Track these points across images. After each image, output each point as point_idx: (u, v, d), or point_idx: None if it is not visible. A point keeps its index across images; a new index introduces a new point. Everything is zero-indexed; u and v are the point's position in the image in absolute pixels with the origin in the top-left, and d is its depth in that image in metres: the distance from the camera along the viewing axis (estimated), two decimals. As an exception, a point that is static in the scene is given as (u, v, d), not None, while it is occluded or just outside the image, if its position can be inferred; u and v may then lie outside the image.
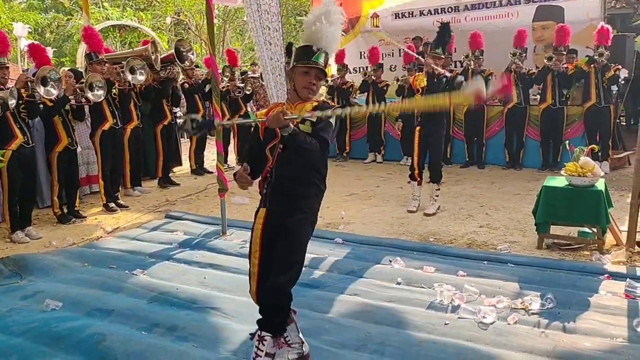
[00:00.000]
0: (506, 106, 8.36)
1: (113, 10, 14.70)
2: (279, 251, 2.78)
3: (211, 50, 4.93)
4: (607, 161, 7.92)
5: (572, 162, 4.69)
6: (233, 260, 4.60)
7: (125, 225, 5.88)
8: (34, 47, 6.02)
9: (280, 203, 2.83)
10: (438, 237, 5.29)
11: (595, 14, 9.01)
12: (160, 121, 7.53)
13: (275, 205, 2.85)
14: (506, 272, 4.23)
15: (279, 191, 2.83)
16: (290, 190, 2.82)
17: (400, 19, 11.37)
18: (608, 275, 4.07)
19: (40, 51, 5.90)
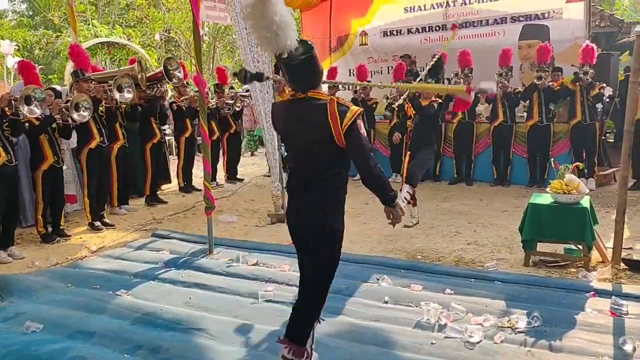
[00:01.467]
0: (492, 123, 8.42)
1: (102, 28, 14.73)
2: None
3: (198, 68, 4.93)
4: (593, 178, 7.97)
5: (558, 180, 4.72)
6: (219, 280, 4.56)
7: (111, 244, 5.83)
8: (24, 64, 6.01)
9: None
10: (426, 255, 5.28)
11: (580, 32, 9.15)
12: (149, 139, 7.50)
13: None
14: (493, 290, 4.23)
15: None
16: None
17: (389, 36, 11.49)
18: (594, 292, 4.08)
19: (30, 69, 5.88)
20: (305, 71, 2.73)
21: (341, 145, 2.69)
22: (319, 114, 2.68)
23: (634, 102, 4.47)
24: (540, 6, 9.67)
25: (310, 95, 2.75)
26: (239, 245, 5.57)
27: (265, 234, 6.11)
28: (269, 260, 5.03)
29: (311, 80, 2.76)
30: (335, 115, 2.65)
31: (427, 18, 10.88)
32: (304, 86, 2.76)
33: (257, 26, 2.57)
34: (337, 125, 2.65)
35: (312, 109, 2.72)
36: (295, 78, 2.77)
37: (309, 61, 2.70)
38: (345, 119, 2.65)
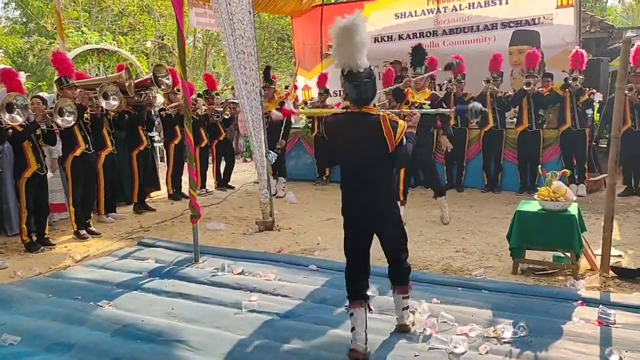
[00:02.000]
0: (483, 129, 8.40)
1: (91, 35, 14.67)
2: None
3: (182, 75, 4.88)
4: (584, 184, 7.96)
5: (545, 187, 4.68)
6: (204, 290, 4.49)
7: (96, 253, 5.75)
8: (6, 72, 5.94)
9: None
10: (414, 263, 5.17)
11: (571, 38, 9.17)
12: (136, 146, 7.43)
13: None
14: (480, 299, 4.18)
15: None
16: None
17: (380, 42, 11.48)
18: (582, 301, 4.03)
19: (12, 76, 5.81)
20: (368, 90, 3.29)
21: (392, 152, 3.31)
22: (374, 128, 3.26)
23: (620, 107, 4.44)
24: (530, 12, 9.70)
25: (365, 111, 3.31)
26: (225, 253, 5.50)
27: (252, 242, 6.05)
28: (254, 269, 4.97)
29: (370, 98, 3.34)
30: (389, 130, 3.25)
31: (418, 24, 10.90)
32: (362, 102, 3.31)
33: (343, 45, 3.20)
34: (392, 138, 3.26)
35: (367, 124, 3.29)
36: (359, 95, 3.29)
37: (373, 83, 3.31)
38: (397, 134, 3.27)
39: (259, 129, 6.28)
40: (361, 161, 3.36)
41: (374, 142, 3.28)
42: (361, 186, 3.38)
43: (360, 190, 3.39)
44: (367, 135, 3.29)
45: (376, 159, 3.33)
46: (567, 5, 9.36)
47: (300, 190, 9.10)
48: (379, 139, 3.25)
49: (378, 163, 3.34)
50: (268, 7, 11.44)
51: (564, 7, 9.37)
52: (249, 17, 6.13)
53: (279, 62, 22.50)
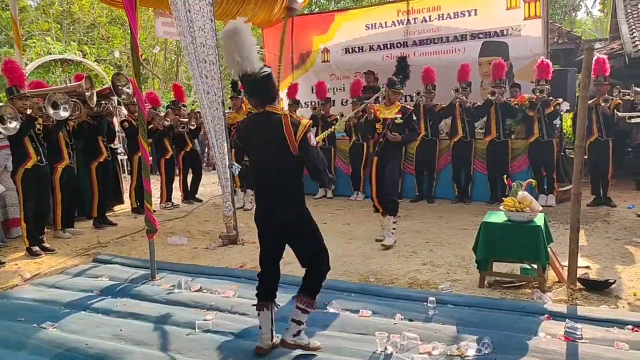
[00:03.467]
0: (452, 139, 8.34)
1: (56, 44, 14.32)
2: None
3: (135, 84, 4.68)
4: (553, 194, 7.93)
5: (510, 197, 4.58)
6: (157, 309, 4.26)
7: (47, 271, 5.46)
8: (8, 63, 5.91)
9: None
10: (379, 277, 5.06)
11: (539, 49, 9.20)
12: (95, 158, 7.17)
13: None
14: (445, 314, 4.03)
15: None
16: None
17: (351, 53, 11.43)
18: (548, 315, 3.91)
19: (14, 68, 5.81)
20: (263, 87, 3.26)
21: (295, 153, 3.20)
22: (276, 127, 3.19)
23: (584, 116, 4.37)
24: (499, 23, 9.74)
25: (268, 110, 3.28)
26: (184, 269, 5.28)
27: (214, 257, 5.83)
28: (213, 285, 4.76)
29: (272, 97, 3.32)
30: (289, 128, 3.18)
31: (388, 35, 10.88)
32: (262, 100, 3.29)
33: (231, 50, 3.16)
34: (292, 137, 3.17)
35: (270, 123, 3.23)
36: (258, 93, 3.29)
37: (267, 78, 3.25)
38: (298, 131, 3.18)
39: (221, 139, 6.09)
40: (266, 163, 3.31)
41: (277, 143, 3.20)
42: (268, 189, 3.33)
43: (267, 194, 3.33)
44: (270, 135, 3.23)
45: (280, 160, 3.25)
46: (534, 17, 9.42)
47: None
48: (281, 139, 3.18)
49: (282, 165, 3.25)
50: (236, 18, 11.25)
51: (532, 18, 9.43)
52: (210, 25, 5.96)
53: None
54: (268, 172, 3.31)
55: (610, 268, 5.07)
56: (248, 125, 3.47)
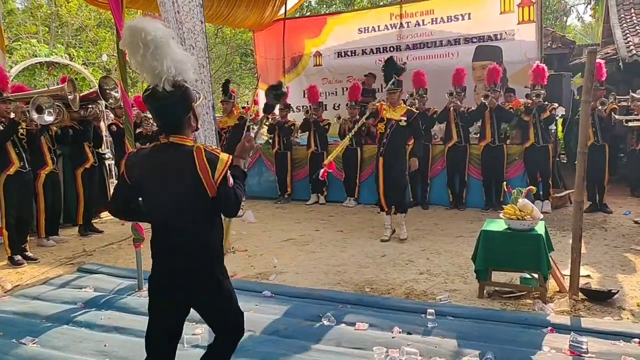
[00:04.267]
0: (447, 144, 8.21)
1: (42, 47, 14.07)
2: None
3: (122, 87, 4.49)
4: (549, 200, 7.82)
5: (511, 205, 4.44)
6: (143, 322, 3.99)
7: (29, 281, 5.24)
8: None
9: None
10: (375, 287, 4.90)
11: (533, 54, 9.15)
12: (81, 164, 6.95)
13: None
14: (444, 327, 3.88)
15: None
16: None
17: (343, 57, 11.35)
18: (551, 327, 3.77)
19: None
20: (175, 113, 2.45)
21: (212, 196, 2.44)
22: (186, 163, 2.41)
23: (587, 122, 4.25)
24: (492, 28, 9.69)
25: (173, 141, 2.47)
26: (173, 280, 5.07)
27: (204, 266, 5.63)
28: (203, 297, 4.56)
29: (179, 124, 2.47)
30: (205, 166, 2.40)
31: (381, 39, 10.79)
32: (169, 129, 2.48)
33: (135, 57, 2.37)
34: (209, 177, 2.40)
35: (177, 157, 2.44)
36: (162, 118, 2.49)
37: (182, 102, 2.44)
38: (216, 171, 2.41)
39: (211, 144, 5.90)
40: (171, 208, 2.45)
41: (186, 181, 2.41)
42: (172, 241, 2.47)
43: (171, 248, 2.47)
44: (176, 174, 2.42)
45: (189, 204, 2.44)
46: (528, 21, 9.37)
47: (261, 209, 8.73)
48: (193, 178, 2.39)
49: (192, 210, 2.45)
50: (228, 21, 11.14)
51: (526, 22, 9.39)
52: (200, 27, 5.78)
53: (242, 77, 22.17)
54: (175, 219, 2.45)
55: (611, 277, 4.95)
56: (143, 159, 2.51)
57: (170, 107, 2.42)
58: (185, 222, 2.45)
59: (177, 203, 2.44)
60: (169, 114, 2.44)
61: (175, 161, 2.44)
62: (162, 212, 2.48)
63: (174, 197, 2.44)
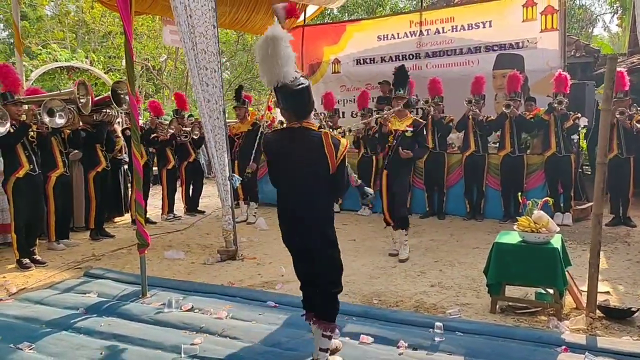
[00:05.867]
0: (464, 154, 8.02)
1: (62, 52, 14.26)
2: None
3: (129, 90, 4.45)
4: (570, 212, 7.57)
5: (525, 217, 4.26)
6: (143, 330, 3.98)
7: (35, 285, 5.20)
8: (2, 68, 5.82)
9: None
10: (383, 299, 4.75)
11: (555, 62, 8.92)
12: (93, 168, 6.94)
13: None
14: (453, 343, 3.71)
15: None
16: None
17: (362, 65, 11.23)
18: (565, 347, 3.57)
19: (8, 72, 5.76)
20: (299, 101, 3.11)
21: (332, 172, 3.09)
22: (315, 144, 3.06)
23: (606, 131, 4.05)
24: (514, 36, 9.47)
25: (305, 126, 3.13)
26: (177, 286, 5.00)
27: (211, 274, 5.55)
28: (206, 304, 4.47)
29: (308, 111, 3.17)
30: (331, 148, 3.06)
31: (401, 46, 10.65)
32: (297, 114, 3.12)
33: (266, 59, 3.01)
34: (333, 157, 3.06)
35: (307, 139, 3.09)
36: (294, 107, 3.13)
37: (308, 93, 3.11)
38: (339, 152, 3.07)
39: (221, 150, 5.84)
40: (300, 178, 3.16)
41: (314, 160, 3.08)
42: (298, 204, 3.18)
43: (297, 209, 3.19)
44: (307, 153, 3.10)
45: (315, 178, 3.12)
46: (551, 29, 9.14)
47: (273, 216, 8.52)
48: (320, 158, 3.06)
49: (317, 183, 3.12)
50: (246, 27, 11.13)
51: (549, 30, 9.15)
52: (212, 31, 5.74)
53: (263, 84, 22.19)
54: (303, 190, 3.17)
55: (632, 294, 4.72)
56: (280, 139, 3.29)
57: (301, 97, 3.08)
58: (309, 189, 3.13)
59: (304, 174, 3.12)
60: (300, 103, 3.10)
61: (306, 142, 3.09)
62: (292, 180, 3.18)
63: (303, 170, 3.11)
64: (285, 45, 3.03)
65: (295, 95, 3.07)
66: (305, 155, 3.11)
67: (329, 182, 3.14)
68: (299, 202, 3.17)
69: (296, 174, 3.17)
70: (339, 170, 3.10)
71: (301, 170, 3.13)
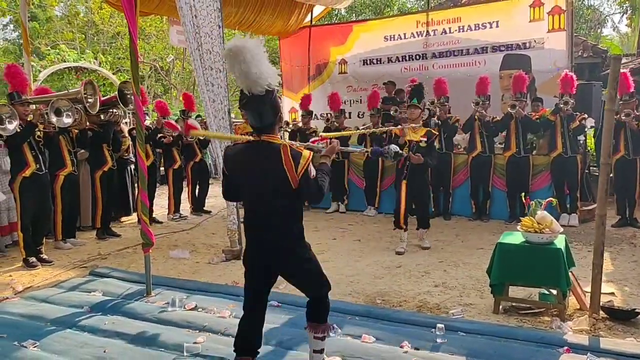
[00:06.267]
0: (470, 154, 8.00)
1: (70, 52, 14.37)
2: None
3: (134, 90, 4.48)
4: (576, 213, 7.53)
5: (529, 217, 4.25)
6: (147, 329, 4.00)
7: (40, 283, 5.25)
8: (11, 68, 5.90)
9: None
10: (387, 299, 4.75)
11: (562, 63, 8.88)
12: (100, 167, 6.99)
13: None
14: (454, 343, 3.72)
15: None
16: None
17: (369, 65, 11.23)
18: (568, 347, 3.57)
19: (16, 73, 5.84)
20: (266, 115, 2.88)
21: (295, 187, 2.89)
22: (274, 159, 2.87)
23: (610, 132, 4.04)
24: (521, 36, 9.44)
25: (265, 139, 2.92)
26: (181, 285, 5.03)
27: (215, 273, 5.57)
28: (209, 303, 4.50)
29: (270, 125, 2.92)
30: (289, 161, 2.86)
31: (407, 47, 10.64)
32: (261, 129, 2.92)
33: (234, 68, 2.81)
34: (293, 171, 2.86)
35: (267, 154, 2.90)
36: (255, 120, 2.92)
37: (272, 106, 2.89)
38: (299, 165, 2.86)
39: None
40: (261, 196, 2.97)
41: (274, 175, 2.89)
42: (261, 223, 3.00)
43: (260, 228, 3.01)
44: (266, 167, 2.90)
45: (276, 193, 2.92)
46: (558, 29, 9.09)
47: (279, 217, 8.64)
48: (279, 171, 2.87)
49: (278, 198, 2.92)
50: (253, 27, 11.13)
51: (556, 31, 9.11)
52: (218, 32, 5.76)
53: (270, 85, 22.21)
54: (265, 206, 2.97)
55: (637, 295, 4.70)
56: (238, 154, 3.03)
57: (262, 108, 2.85)
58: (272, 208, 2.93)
59: (265, 191, 2.92)
60: (262, 115, 2.87)
61: (265, 156, 2.90)
62: (252, 198, 3.02)
63: (262, 187, 2.92)
64: (252, 56, 2.77)
65: (260, 108, 2.86)
66: (265, 171, 2.91)
67: (295, 197, 2.95)
68: (264, 225, 2.98)
69: (257, 190, 2.98)
70: (302, 183, 2.87)
71: (261, 185, 2.93)
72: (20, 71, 5.84)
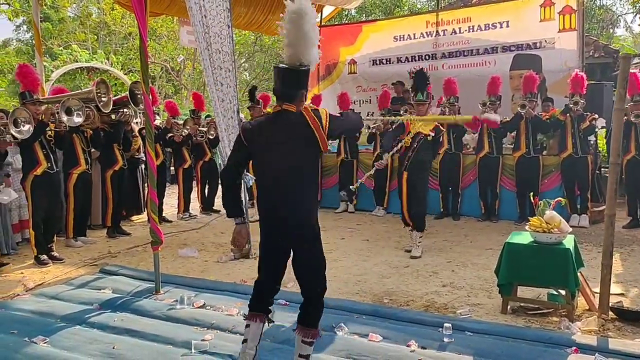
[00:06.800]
0: (478, 155, 7.97)
1: (82, 53, 14.52)
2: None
3: (144, 90, 4.52)
4: (587, 214, 7.48)
5: (537, 217, 4.23)
6: (155, 326, 4.04)
7: (51, 280, 5.30)
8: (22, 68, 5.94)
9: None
10: (394, 298, 4.75)
11: (573, 63, 8.82)
12: (110, 166, 7.05)
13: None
14: (462, 343, 3.71)
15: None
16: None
17: (378, 65, 11.23)
18: (576, 348, 3.55)
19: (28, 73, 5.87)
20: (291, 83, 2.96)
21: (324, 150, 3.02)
22: (298, 121, 2.91)
23: (619, 132, 4.01)
24: (532, 36, 9.40)
25: (285, 109, 2.97)
26: (190, 283, 5.06)
27: (224, 272, 5.60)
28: (217, 301, 4.52)
29: (292, 95, 2.96)
30: (315, 120, 2.90)
31: (417, 47, 10.63)
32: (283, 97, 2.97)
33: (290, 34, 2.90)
34: (319, 128, 2.90)
35: (289, 121, 2.93)
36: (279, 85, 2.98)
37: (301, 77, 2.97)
38: (323, 120, 2.93)
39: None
40: (283, 166, 2.94)
41: (300, 139, 2.92)
42: (277, 192, 2.98)
43: (280, 199, 2.98)
44: (291, 133, 2.93)
45: (302, 162, 2.96)
46: (569, 29, 9.04)
47: (288, 216, 8.66)
48: (306, 133, 2.91)
49: (303, 167, 2.96)
50: (263, 28, 11.18)
51: (567, 30, 9.06)
52: (227, 31, 5.80)
53: (274, 85, 22.30)
54: (287, 177, 2.94)
55: (647, 297, 4.66)
56: (260, 125, 3.05)
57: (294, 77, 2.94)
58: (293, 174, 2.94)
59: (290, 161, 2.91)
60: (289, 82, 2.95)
61: (289, 123, 2.93)
62: (274, 167, 2.96)
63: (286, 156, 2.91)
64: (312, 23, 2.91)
65: (291, 75, 2.94)
66: (288, 138, 2.92)
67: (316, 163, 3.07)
68: (283, 201, 2.96)
69: (281, 160, 2.93)
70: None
71: (286, 156, 2.91)
72: (31, 71, 5.91)
